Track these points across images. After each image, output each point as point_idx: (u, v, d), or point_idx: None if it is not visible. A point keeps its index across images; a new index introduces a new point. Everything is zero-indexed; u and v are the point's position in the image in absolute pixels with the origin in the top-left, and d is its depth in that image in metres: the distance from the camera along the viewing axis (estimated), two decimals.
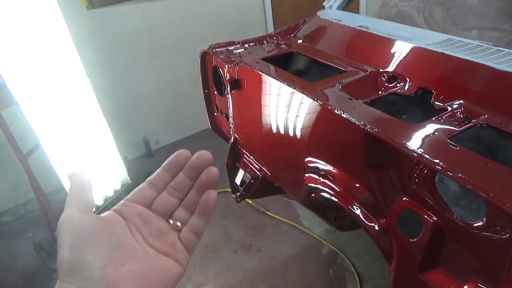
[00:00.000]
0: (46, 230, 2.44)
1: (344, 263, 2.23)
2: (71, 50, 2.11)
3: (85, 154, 2.22)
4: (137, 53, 3.21)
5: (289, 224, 2.54)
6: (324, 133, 1.27)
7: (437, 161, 0.85)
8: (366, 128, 1.01)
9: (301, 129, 1.37)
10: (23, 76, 1.87)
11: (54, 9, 1.99)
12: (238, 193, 1.87)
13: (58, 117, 2.06)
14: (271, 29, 3.69)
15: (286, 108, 1.41)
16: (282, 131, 1.49)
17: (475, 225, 0.87)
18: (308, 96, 1.24)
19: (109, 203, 2.40)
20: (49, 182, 2.25)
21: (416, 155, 0.89)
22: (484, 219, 0.84)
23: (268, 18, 3.75)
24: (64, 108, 2.08)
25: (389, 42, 1.43)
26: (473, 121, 1.02)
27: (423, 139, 0.95)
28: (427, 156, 0.87)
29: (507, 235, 0.80)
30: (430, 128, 0.99)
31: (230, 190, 1.99)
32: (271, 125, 1.55)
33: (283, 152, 1.58)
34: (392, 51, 1.40)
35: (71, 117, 2.13)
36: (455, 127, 1.00)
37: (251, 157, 1.83)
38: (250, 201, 2.72)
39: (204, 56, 1.91)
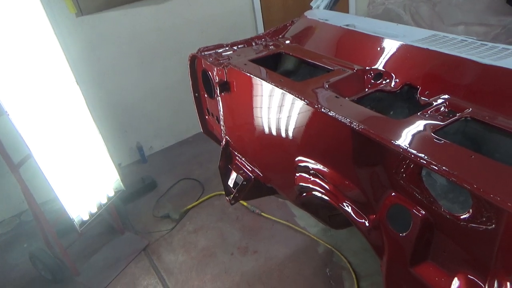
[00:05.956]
0: (41, 241, 2.42)
1: (340, 261, 2.23)
2: (60, 58, 2.10)
3: (77, 162, 2.21)
4: (128, 59, 3.21)
5: (284, 224, 2.54)
6: (313, 132, 1.28)
7: (422, 155, 0.86)
8: (352, 125, 1.02)
9: (290, 129, 1.37)
10: (12, 85, 1.86)
11: (41, 18, 1.98)
12: (232, 195, 1.87)
13: (49, 126, 2.05)
14: (261, 31, 3.70)
15: (274, 108, 1.41)
16: (272, 132, 1.49)
17: (462, 217, 0.88)
18: (295, 96, 1.24)
19: (103, 210, 2.39)
20: (42, 192, 2.24)
21: (401, 150, 0.90)
22: (470, 210, 0.85)
23: (258, 20, 3.77)
24: (54, 117, 2.07)
25: (375, 40, 1.44)
26: (457, 114, 1.03)
27: (408, 134, 0.96)
28: (412, 151, 0.88)
29: (493, 225, 0.81)
30: (415, 123, 1.00)
31: (224, 193, 1.99)
32: (261, 126, 1.55)
33: (274, 152, 1.58)
34: (378, 48, 1.41)
35: (62, 126, 2.12)
36: (440, 121, 1.01)
37: (243, 159, 1.83)
38: (245, 203, 2.71)
39: (193, 59, 1.92)
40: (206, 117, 2.11)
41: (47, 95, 2.03)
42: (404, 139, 0.94)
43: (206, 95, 1.95)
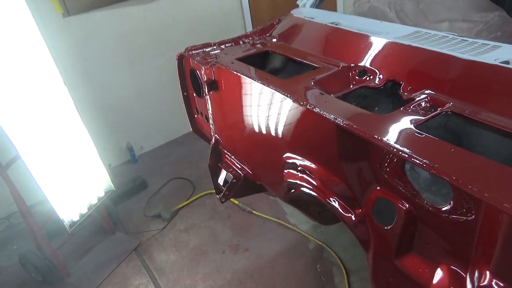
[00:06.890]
0: (31, 243, 2.40)
1: (330, 257, 2.26)
2: (47, 58, 2.09)
3: (66, 163, 2.20)
4: (116, 59, 3.19)
5: (275, 222, 2.56)
6: (299, 129, 1.29)
7: (403, 149, 0.88)
8: (336, 121, 1.03)
9: (277, 126, 1.39)
10: None
11: (27, 18, 1.96)
12: (222, 194, 1.88)
13: (37, 127, 2.03)
14: (250, 30, 3.71)
15: (262, 106, 1.43)
16: (259, 129, 1.51)
17: (443, 209, 0.90)
18: (281, 93, 1.26)
19: (93, 211, 2.39)
20: (31, 194, 2.22)
21: (383, 144, 0.92)
22: (451, 202, 0.87)
23: (247, 19, 3.78)
24: (42, 118, 2.06)
25: (359, 37, 1.46)
26: (438, 109, 1.05)
27: (390, 129, 0.98)
28: (394, 145, 0.90)
29: (472, 216, 0.84)
30: (397, 118, 1.02)
31: (215, 191, 2.00)
32: (248, 123, 1.57)
33: (262, 149, 1.60)
34: (362, 45, 1.43)
35: (50, 127, 2.11)
36: (421, 116, 1.03)
37: (233, 157, 1.84)
38: (236, 201, 2.73)
39: (181, 59, 1.92)
40: (196, 116, 2.12)
41: (35, 96, 2.02)
42: (387, 134, 0.96)
43: (194, 94, 1.95)
